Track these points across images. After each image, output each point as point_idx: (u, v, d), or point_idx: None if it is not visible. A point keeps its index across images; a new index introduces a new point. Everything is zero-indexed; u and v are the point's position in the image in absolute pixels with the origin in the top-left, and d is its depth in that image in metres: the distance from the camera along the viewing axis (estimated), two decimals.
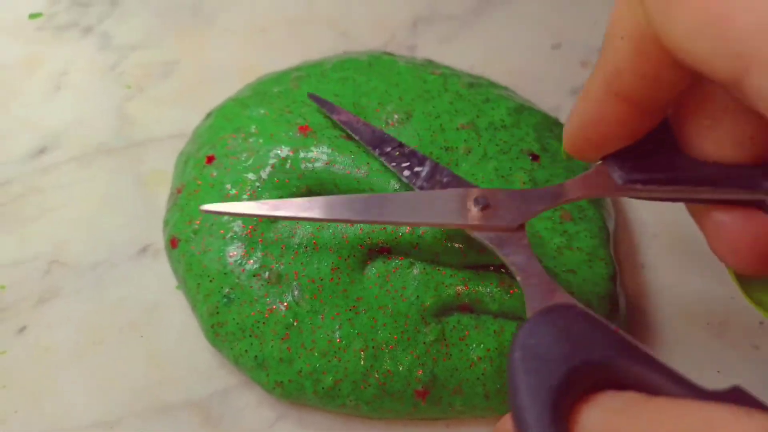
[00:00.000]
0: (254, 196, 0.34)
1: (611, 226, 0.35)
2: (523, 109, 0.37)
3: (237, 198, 0.34)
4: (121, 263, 0.36)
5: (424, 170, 0.31)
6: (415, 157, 0.32)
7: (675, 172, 0.23)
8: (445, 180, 0.30)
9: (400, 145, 0.33)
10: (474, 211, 0.26)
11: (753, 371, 0.33)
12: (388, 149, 0.33)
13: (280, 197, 0.33)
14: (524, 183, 0.34)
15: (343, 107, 0.36)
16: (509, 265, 0.25)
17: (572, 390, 0.19)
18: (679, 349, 0.33)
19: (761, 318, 0.34)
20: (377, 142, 0.33)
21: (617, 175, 0.24)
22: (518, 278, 0.24)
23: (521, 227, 0.26)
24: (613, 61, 0.21)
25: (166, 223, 0.35)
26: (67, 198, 0.38)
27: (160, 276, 0.35)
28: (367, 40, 0.46)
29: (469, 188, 0.27)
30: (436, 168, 0.31)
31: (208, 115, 0.39)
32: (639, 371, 0.20)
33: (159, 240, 0.36)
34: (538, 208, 0.26)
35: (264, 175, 0.34)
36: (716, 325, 0.34)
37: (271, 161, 0.34)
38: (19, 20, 0.47)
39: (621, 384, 0.20)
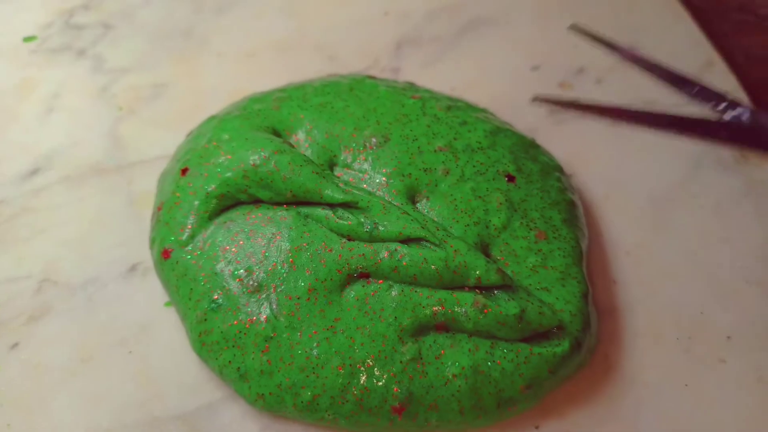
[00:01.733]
0: (241, 193, 0.35)
1: (584, 245, 0.36)
2: (499, 131, 0.39)
3: (224, 197, 0.35)
4: (110, 282, 0.37)
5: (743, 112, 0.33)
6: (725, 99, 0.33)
7: None
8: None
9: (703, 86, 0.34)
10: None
11: (720, 385, 0.34)
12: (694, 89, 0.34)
13: (271, 197, 0.35)
14: (500, 203, 0.35)
15: (317, 135, 0.37)
16: None
17: None
18: (648, 363, 0.35)
19: (728, 333, 0.36)
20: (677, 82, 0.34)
21: None
22: None
23: None
24: None
25: (152, 240, 0.36)
26: (58, 218, 0.40)
27: (149, 294, 0.36)
28: (352, 63, 0.48)
29: None
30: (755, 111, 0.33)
31: (189, 133, 0.41)
32: None
33: (148, 259, 0.37)
34: None
35: (247, 173, 0.35)
36: (685, 339, 0.35)
37: (252, 159, 0.35)
38: (14, 43, 0.48)
39: None
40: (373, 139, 0.37)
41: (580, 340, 0.32)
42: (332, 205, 0.34)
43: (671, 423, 0.33)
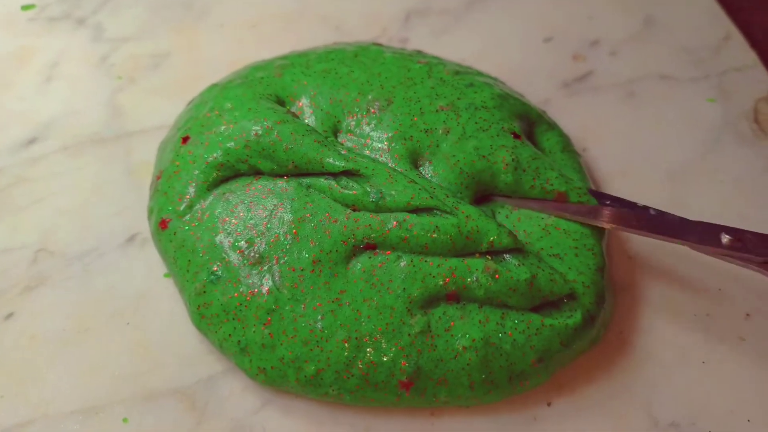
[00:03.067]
0: (242, 163, 0.34)
1: None
2: (508, 97, 0.37)
3: (223, 167, 0.34)
4: (108, 252, 0.36)
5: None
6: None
7: None
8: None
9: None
10: (725, 240, 0.30)
11: (739, 363, 0.33)
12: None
13: (272, 169, 0.34)
14: (507, 164, 0.33)
15: (321, 101, 0.36)
16: None
17: None
18: (665, 340, 0.33)
19: (747, 310, 0.34)
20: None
21: None
22: None
23: None
24: None
25: (150, 210, 0.35)
26: (56, 187, 0.38)
27: (147, 265, 0.35)
28: (359, 33, 0.46)
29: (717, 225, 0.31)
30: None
31: (190, 102, 0.40)
32: None
33: (147, 229, 0.36)
34: None
35: (249, 143, 0.34)
36: (703, 317, 0.34)
37: (254, 129, 0.34)
38: (12, 11, 0.47)
39: None
40: (377, 103, 0.35)
41: (593, 314, 0.31)
42: (335, 175, 0.33)
43: (688, 401, 0.32)
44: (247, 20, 0.47)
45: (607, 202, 0.34)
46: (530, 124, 0.37)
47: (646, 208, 0.33)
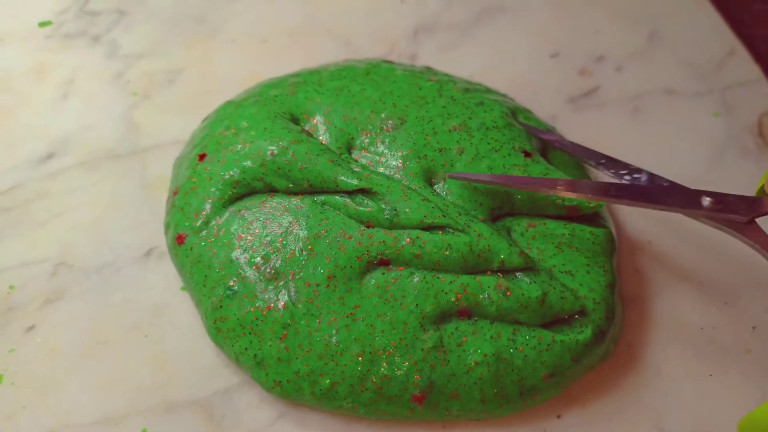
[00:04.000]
0: (257, 181, 0.34)
1: (616, 237, 0.35)
2: (518, 113, 0.38)
3: (239, 185, 0.35)
4: (126, 266, 0.37)
5: (642, 176, 0.34)
6: (629, 168, 0.35)
7: None
8: (665, 183, 0.33)
9: (611, 158, 0.35)
10: (707, 202, 0.30)
11: (745, 375, 0.33)
12: (603, 161, 0.36)
13: (288, 187, 0.34)
14: None
15: (335, 119, 0.37)
16: (753, 246, 0.28)
17: None
18: (672, 353, 0.34)
19: (753, 323, 0.35)
20: (587, 155, 0.36)
21: None
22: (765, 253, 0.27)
23: (752, 222, 0.29)
24: None
25: (167, 225, 0.36)
26: (73, 202, 0.39)
27: (164, 278, 0.36)
28: (368, 49, 0.47)
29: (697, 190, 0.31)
30: (653, 175, 0.34)
31: (205, 119, 0.40)
32: None
33: (163, 243, 0.37)
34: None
35: (265, 161, 0.35)
36: (709, 329, 0.35)
37: (270, 149, 0.35)
38: (29, 28, 0.48)
39: None
40: (390, 122, 0.36)
41: (603, 329, 0.31)
42: (350, 193, 0.34)
43: (696, 413, 0.32)
44: (258, 36, 0.48)
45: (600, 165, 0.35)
46: (541, 140, 0.38)
47: (630, 173, 0.34)
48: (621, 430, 0.32)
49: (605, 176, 0.36)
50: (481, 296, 0.31)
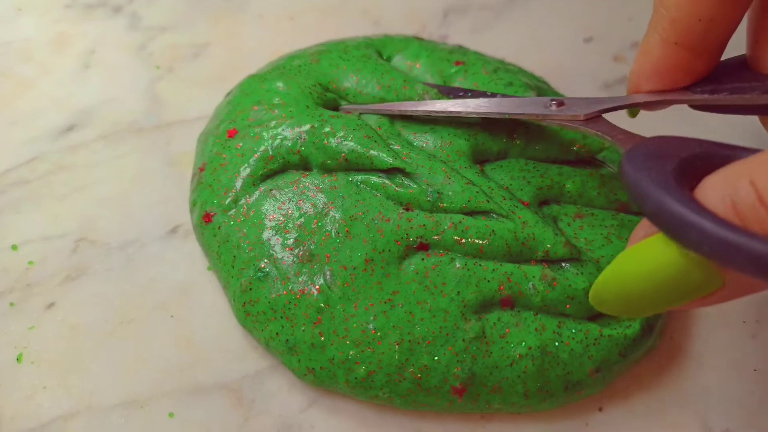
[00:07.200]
0: (294, 155, 0.33)
1: None
2: (546, 95, 0.37)
3: (273, 160, 0.33)
4: (150, 243, 0.35)
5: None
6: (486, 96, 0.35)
7: (742, 83, 0.26)
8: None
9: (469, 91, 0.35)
10: (553, 107, 0.31)
11: None
12: (461, 94, 0.35)
13: (324, 162, 0.33)
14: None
15: (366, 84, 0.36)
16: (595, 134, 0.29)
17: (686, 176, 0.22)
18: (714, 346, 0.33)
19: None
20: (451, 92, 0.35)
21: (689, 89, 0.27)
22: (607, 138, 0.28)
23: (597, 118, 0.30)
24: (668, 13, 0.25)
25: (193, 203, 0.35)
26: (96, 176, 0.38)
27: (190, 257, 0.35)
28: (398, 29, 0.46)
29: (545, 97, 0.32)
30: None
31: (228, 93, 0.39)
32: (734, 154, 0.22)
33: (188, 221, 0.36)
34: (607, 106, 0.29)
35: (304, 136, 0.33)
36: (752, 323, 0.34)
37: (306, 125, 0.34)
38: None
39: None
40: (426, 95, 0.35)
41: (651, 323, 0.30)
42: (388, 172, 0.33)
43: (740, 408, 0.31)
44: (286, 12, 0.47)
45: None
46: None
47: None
48: (665, 425, 0.31)
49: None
50: (526, 286, 0.30)
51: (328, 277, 0.31)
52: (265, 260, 0.31)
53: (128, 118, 0.40)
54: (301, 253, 0.31)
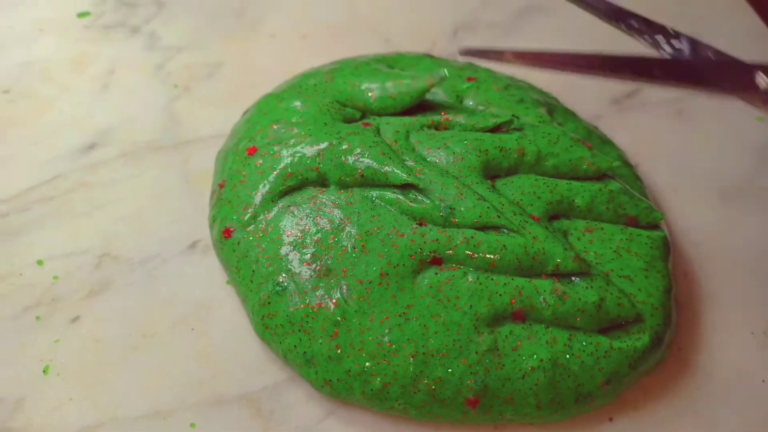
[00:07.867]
0: (313, 172, 0.34)
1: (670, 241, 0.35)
2: (556, 112, 0.38)
3: (291, 177, 0.34)
4: (171, 258, 0.37)
5: (683, 44, 0.29)
6: (664, 32, 0.30)
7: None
8: (710, 54, 0.28)
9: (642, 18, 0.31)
10: (764, 84, 0.25)
11: None
12: (631, 21, 0.31)
13: (341, 179, 0.34)
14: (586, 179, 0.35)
15: (377, 97, 0.37)
16: None
17: None
18: (723, 358, 0.34)
19: None
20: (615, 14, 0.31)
21: None
22: None
23: None
24: None
25: (213, 218, 0.36)
26: (116, 193, 0.39)
27: (209, 272, 0.36)
28: (409, 46, 0.47)
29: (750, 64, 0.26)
30: (695, 42, 0.29)
31: (245, 112, 0.40)
32: None
33: (208, 236, 0.37)
34: None
35: (323, 153, 0.34)
36: (759, 335, 0.34)
37: (325, 143, 0.35)
38: (68, 18, 0.48)
39: None
40: (443, 113, 0.36)
41: (660, 335, 0.31)
42: (402, 188, 0.34)
43: (748, 419, 0.32)
44: (298, 31, 0.48)
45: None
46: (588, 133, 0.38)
47: (667, 39, 0.29)
48: None
49: (639, 45, 0.31)
50: (537, 300, 0.30)
51: (344, 291, 0.31)
52: (283, 275, 0.32)
53: (147, 137, 0.42)
54: (318, 267, 0.32)
